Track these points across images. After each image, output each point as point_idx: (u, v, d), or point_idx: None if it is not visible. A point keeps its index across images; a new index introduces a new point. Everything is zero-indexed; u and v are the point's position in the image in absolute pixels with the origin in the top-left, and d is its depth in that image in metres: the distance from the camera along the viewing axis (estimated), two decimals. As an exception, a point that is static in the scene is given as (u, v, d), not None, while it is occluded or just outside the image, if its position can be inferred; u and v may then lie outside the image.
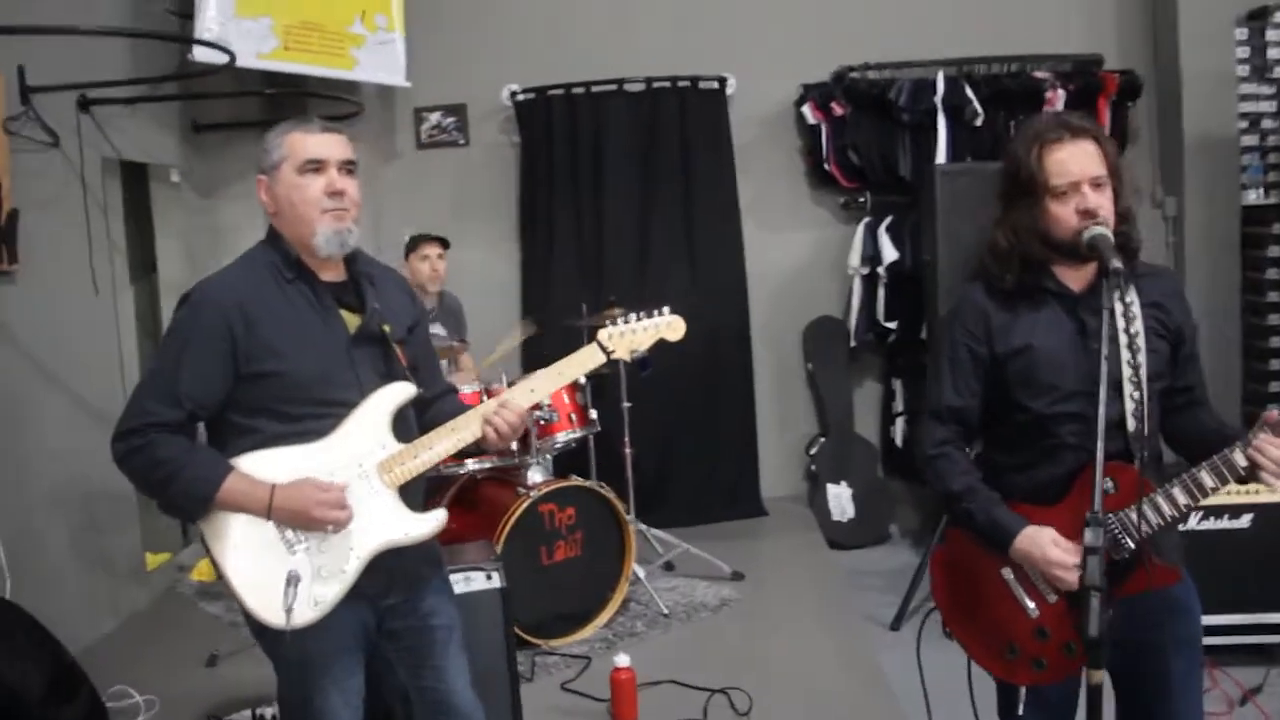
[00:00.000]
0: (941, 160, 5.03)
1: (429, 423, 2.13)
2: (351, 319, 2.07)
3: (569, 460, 4.72)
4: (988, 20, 5.35)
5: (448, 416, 2.11)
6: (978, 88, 5.12)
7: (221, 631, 4.08)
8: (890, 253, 5.19)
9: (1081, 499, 1.83)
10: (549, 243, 5.54)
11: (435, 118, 5.64)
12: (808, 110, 5.40)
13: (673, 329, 2.19)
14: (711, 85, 5.49)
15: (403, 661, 2.16)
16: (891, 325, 5.30)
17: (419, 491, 2.12)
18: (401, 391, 2.05)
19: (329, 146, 2.04)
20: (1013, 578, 1.98)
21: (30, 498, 3.81)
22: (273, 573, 1.92)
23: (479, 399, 3.84)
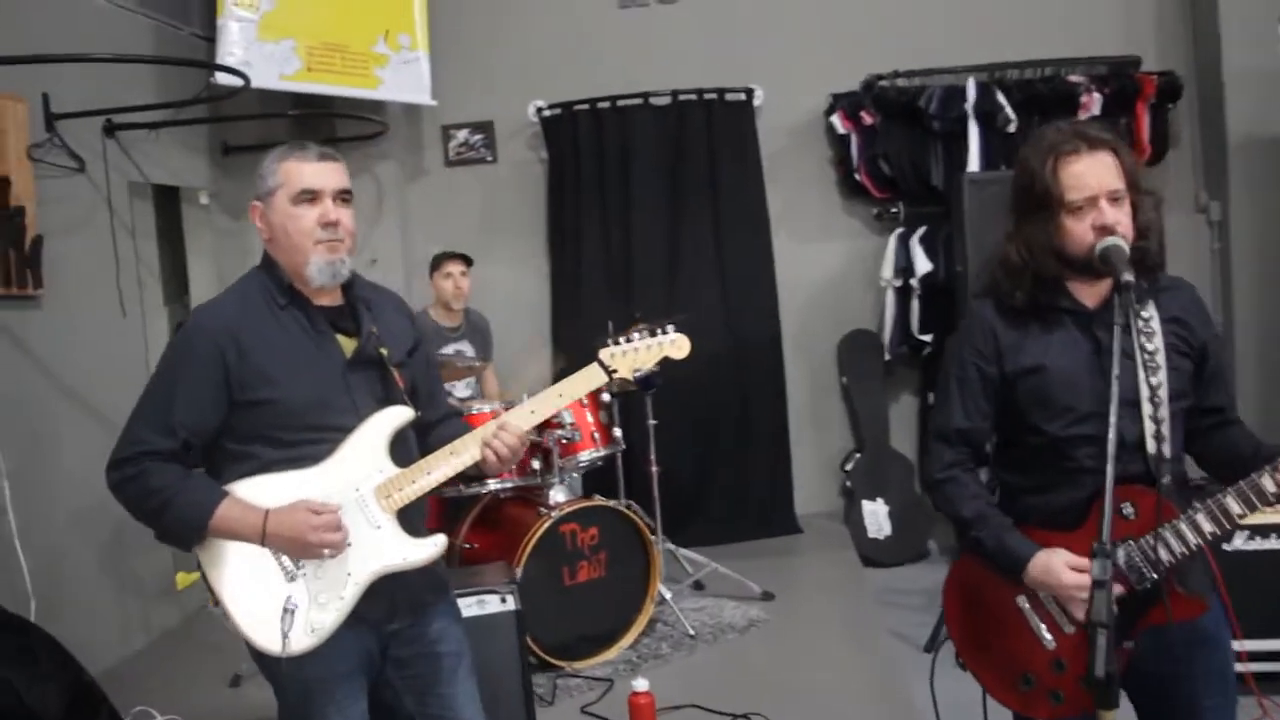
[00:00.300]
0: (974, 168, 4.92)
1: (430, 447, 2.08)
2: (348, 343, 2.04)
3: (598, 479, 4.68)
4: (1019, 23, 5.23)
5: (450, 440, 2.06)
6: (1010, 93, 5.02)
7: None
8: (924, 264, 5.09)
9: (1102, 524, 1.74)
10: (578, 258, 5.52)
11: (463, 135, 5.65)
12: (837, 120, 5.33)
13: (677, 347, 2.13)
14: (739, 97, 5.44)
15: (409, 689, 2.11)
16: (926, 338, 5.19)
17: (419, 516, 2.08)
18: (399, 415, 2.02)
19: (324, 176, 2.03)
20: (1028, 607, 1.89)
21: (58, 520, 3.85)
22: (270, 600, 1.91)
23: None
